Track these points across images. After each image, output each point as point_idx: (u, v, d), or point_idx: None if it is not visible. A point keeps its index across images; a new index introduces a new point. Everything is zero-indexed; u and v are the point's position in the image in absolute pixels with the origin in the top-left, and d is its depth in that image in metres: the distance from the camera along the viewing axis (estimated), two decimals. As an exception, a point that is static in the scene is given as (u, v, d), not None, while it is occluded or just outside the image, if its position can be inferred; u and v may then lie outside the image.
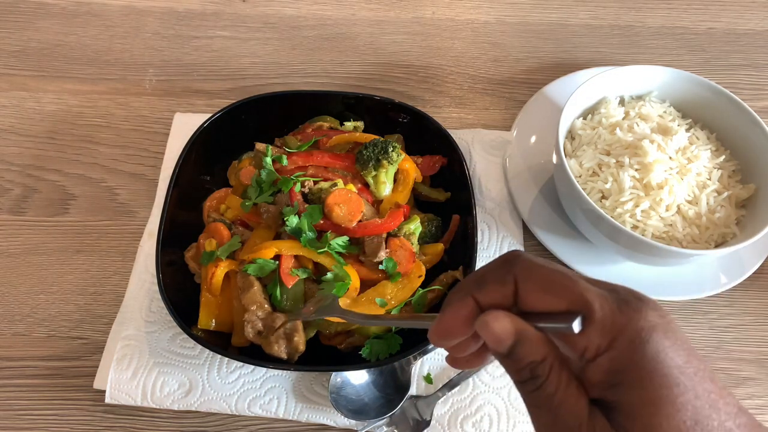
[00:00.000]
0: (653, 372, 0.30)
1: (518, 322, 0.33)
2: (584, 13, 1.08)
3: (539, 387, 0.33)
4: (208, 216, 0.77)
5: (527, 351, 0.33)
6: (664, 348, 0.30)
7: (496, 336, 0.33)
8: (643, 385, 0.30)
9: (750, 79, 1.01)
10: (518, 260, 0.34)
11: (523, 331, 0.33)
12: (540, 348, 0.33)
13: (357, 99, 0.83)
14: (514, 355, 0.33)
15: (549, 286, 0.33)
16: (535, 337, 0.33)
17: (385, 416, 0.68)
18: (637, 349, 0.30)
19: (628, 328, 0.31)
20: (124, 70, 0.98)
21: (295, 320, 0.66)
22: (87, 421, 0.70)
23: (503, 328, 0.32)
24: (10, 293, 0.78)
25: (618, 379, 0.31)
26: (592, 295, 0.32)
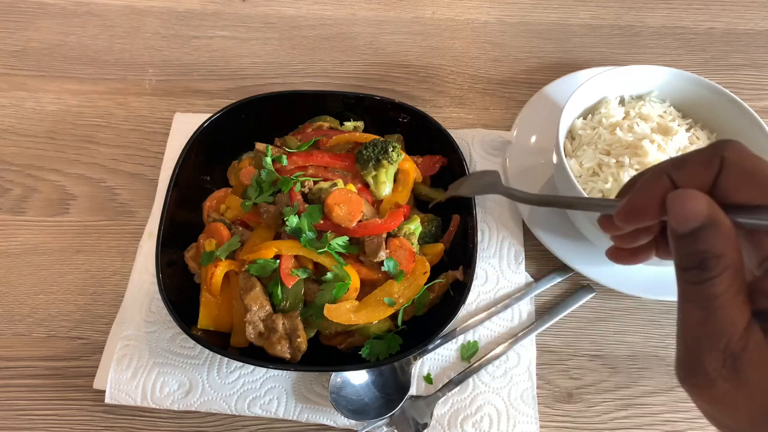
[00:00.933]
0: None
1: (714, 207, 0.30)
2: (584, 13, 1.08)
3: (703, 281, 0.30)
4: (207, 216, 0.77)
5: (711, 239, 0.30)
6: None
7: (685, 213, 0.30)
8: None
9: (750, 79, 1.01)
10: (729, 144, 0.32)
11: (716, 218, 0.30)
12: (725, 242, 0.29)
13: (357, 99, 0.83)
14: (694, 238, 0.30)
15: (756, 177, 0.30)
16: (727, 228, 0.30)
17: (385, 416, 0.68)
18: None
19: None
20: (124, 70, 0.98)
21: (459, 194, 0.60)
22: (87, 421, 0.70)
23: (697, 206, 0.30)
24: (10, 293, 0.78)
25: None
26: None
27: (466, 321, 0.75)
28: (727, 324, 0.29)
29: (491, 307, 0.76)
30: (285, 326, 0.67)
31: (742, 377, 0.28)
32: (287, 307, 0.68)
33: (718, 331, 0.29)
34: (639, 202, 0.33)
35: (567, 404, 0.72)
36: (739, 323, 0.29)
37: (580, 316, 0.78)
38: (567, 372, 0.74)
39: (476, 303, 0.77)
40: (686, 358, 0.31)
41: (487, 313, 0.75)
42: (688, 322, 0.31)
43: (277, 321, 0.67)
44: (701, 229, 0.30)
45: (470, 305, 0.76)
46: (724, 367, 0.29)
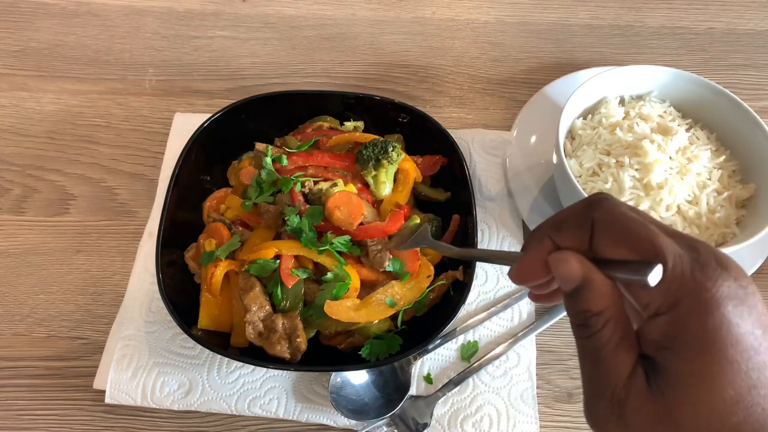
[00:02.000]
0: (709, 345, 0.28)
1: (588, 268, 0.32)
2: (584, 13, 1.08)
3: (589, 336, 0.32)
4: (207, 216, 0.77)
5: (587, 299, 0.32)
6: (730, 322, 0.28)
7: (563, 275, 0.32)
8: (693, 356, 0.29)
9: (750, 79, 1.01)
10: (600, 205, 0.33)
11: (590, 278, 0.32)
12: (601, 300, 0.32)
13: (357, 99, 0.83)
14: (576, 297, 0.32)
15: (625, 235, 0.32)
16: (600, 288, 0.32)
17: (385, 416, 0.68)
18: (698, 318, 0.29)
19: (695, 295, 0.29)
20: (124, 70, 0.98)
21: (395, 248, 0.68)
22: (87, 421, 0.70)
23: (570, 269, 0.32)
24: (10, 293, 0.78)
25: (671, 344, 0.30)
26: (668, 251, 0.30)
27: (466, 321, 0.75)
28: (611, 374, 0.31)
29: (491, 307, 0.76)
30: (285, 326, 0.67)
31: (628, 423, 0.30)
32: (287, 307, 0.68)
33: (603, 381, 0.31)
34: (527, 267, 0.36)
35: (567, 404, 0.72)
36: (622, 372, 0.31)
37: (580, 316, 0.78)
38: (567, 372, 0.74)
39: (476, 303, 0.77)
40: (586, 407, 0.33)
41: (487, 313, 0.75)
42: (583, 375, 0.33)
43: (277, 321, 0.67)
44: (580, 289, 0.32)
45: (470, 305, 0.76)
46: (613, 414, 0.31)
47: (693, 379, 0.29)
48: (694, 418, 0.29)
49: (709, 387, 0.28)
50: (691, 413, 0.29)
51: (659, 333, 0.31)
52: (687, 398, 0.29)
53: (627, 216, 0.32)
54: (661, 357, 0.30)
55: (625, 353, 0.31)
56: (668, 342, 0.30)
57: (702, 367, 0.29)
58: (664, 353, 0.30)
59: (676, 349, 0.30)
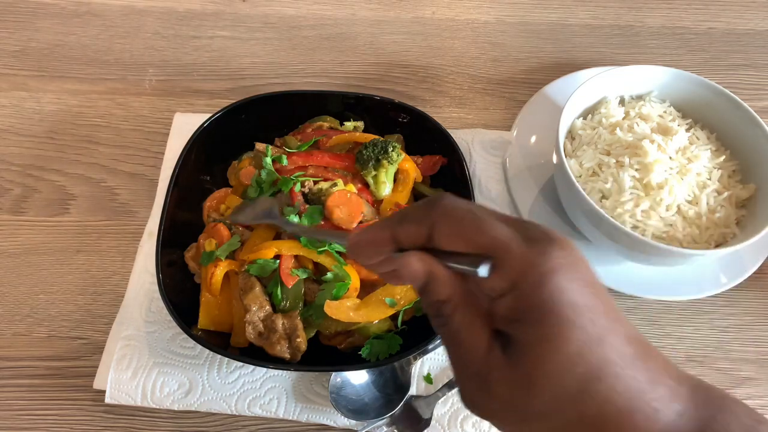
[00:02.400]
0: (548, 312, 0.32)
1: (429, 264, 0.35)
2: (584, 13, 1.08)
3: (445, 324, 0.35)
4: (207, 216, 0.77)
5: (434, 291, 0.35)
6: (562, 288, 0.32)
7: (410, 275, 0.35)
8: (537, 324, 0.32)
9: (750, 79, 1.01)
10: (439, 203, 0.36)
11: (432, 273, 0.35)
12: (445, 289, 0.35)
13: (357, 99, 0.83)
14: (425, 292, 0.36)
15: (461, 229, 0.34)
16: (442, 279, 0.35)
17: (385, 416, 0.68)
18: (536, 290, 0.32)
19: (531, 271, 0.32)
20: (124, 70, 0.98)
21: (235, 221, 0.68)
22: (87, 421, 0.70)
23: (414, 269, 0.35)
24: (10, 293, 0.78)
25: (517, 316, 0.33)
26: (501, 239, 0.33)
27: (466, 321, 0.75)
28: (471, 353, 0.34)
29: (491, 307, 0.76)
30: (284, 326, 0.67)
31: (493, 394, 0.34)
32: (287, 307, 0.68)
33: (467, 361, 0.35)
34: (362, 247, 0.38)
35: (567, 404, 0.72)
36: (480, 350, 0.34)
37: (580, 316, 0.78)
38: (567, 372, 0.74)
39: (476, 303, 0.77)
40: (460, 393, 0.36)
41: (487, 313, 0.75)
42: (450, 362, 0.36)
43: (277, 321, 0.67)
44: (427, 284, 0.35)
45: (470, 305, 0.76)
46: (481, 390, 0.34)
47: (539, 343, 0.32)
48: (544, 376, 0.32)
49: (553, 347, 0.32)
50: (542, 372, 0.32)
51: (506, 309, 0.34)
52: (536, 360, 0.32)
53: (461, 211, 0.35)
54: (512, 329, 0.34)
55: (480, 332, 0.35)
56: (515, 315, 0.33)
57: (545, 331, 0.32)
58: (513, 326, 0.33)
59: (522, 320, 0.33)
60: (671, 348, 0.76)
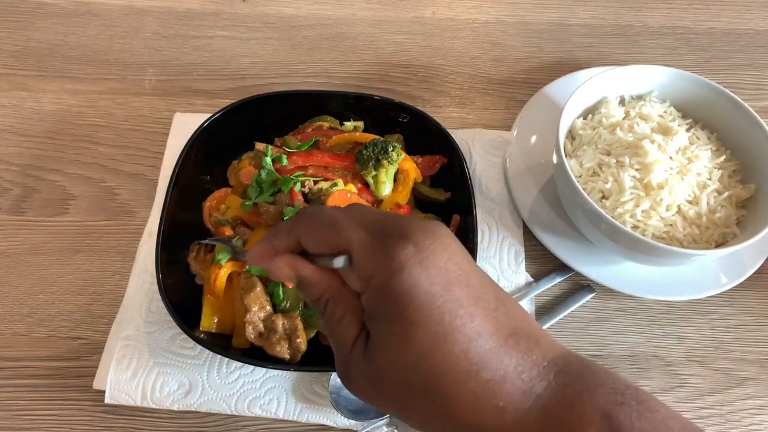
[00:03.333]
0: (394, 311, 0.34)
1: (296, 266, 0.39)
2: (584, 13, 1.08)
3: (322, 314, 0.39)
4: (210, 215, 0.77)
5: (306, 288, 0.39)
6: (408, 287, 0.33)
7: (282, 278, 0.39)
8: (386, 322, 0.35)
9: (750, 79, 1.01)
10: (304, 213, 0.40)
11: (300, 274, 0.38)
12: (317, 287, 0.38)
13: (357, 99, 0.83)
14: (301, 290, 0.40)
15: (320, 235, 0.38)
16: (311, 278, 0.38)
17: (385, 416, 0.68)
18: (384, 289, 0.34)
19: (379, 270, 0.34)
20: (124, 70, 0.98)
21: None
22: (87, 421, 0.70)
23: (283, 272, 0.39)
24: (10, 293, 0.78)
25: (373, 314, 0.36)
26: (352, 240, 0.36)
27: (466, 321, 0.75)
28: (341, 341, 0.38)
29: (491, 307, 0.76)
30: (285, 326, 0.67)
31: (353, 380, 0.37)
32: (287, 307, 0.68)
33: (338, 347, 0.38)
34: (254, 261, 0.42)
35: (567, 404, 0.72)
36: (348, 340, 0.37)
37: (580, 316, 0.78)
38: (567, 372, 0.74)
39: (476, 303, 0.77)
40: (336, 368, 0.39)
41: (487, 313, 0.75)
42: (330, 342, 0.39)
43: (277, 321, 0.67)
44: (299, 283, 0.39)
45: (470, 305, 0.76)
46: (345, 375, 0.38)
47: (387, 340, 0.34)
48: (389, 373, 0.35)
49: (398, 346, 0.34)
50: (387, 369, 0.35)
51: (366, 307, 0.36)
52: (384, 357, 0.35)
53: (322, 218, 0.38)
54: (370, 326, 0.36)
55: (350, 324, 0.37)
56: (372, 313, 0.36)
57: (393, 329, 0.34)
58: (371, 323, 0.36)
59: (375, 318, 0.36)
60: (671, 348, 0.76)
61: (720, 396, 0.73)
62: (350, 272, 0.37)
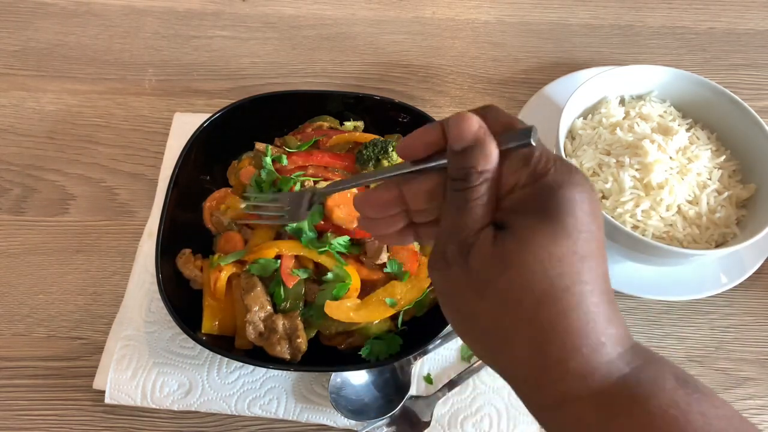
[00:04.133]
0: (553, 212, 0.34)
1: (483, 130, 0.37)
2: (584, 13, 1.08)
3: (463, 189, 0.37)
4: (210, 215, 0.77)
5: (475, 157, 0.36)
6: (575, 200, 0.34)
7: (460, 133, 0.36)
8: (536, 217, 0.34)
9: (750, 79, 1.01)
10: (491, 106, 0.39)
11: (483, 140, 0.36)
12: (487, 161, 0.36)
13: (357, 99, 0.83)
14: (464, 156, 0.37)
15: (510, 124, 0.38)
16: (490, 151, 0.36)
17: (385, 416, 0.68)
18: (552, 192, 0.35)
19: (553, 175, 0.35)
20: (124, 70, 0.98)
21: None
22: (87, 421, 0.70)
23: (470, 127, 0.36)
24: (10, 293, 0.78)
25: (521, 208, 0.36)
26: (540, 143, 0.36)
27: (466, 321, 0.75)
28: (469, 222, 0.36)
29: (491, 307, 0.76)
30: (285, 326, 0.67)
31: (469, 263, 0.36)
32: (288, 307, 0.68)
33: (462, 226, 0.37)
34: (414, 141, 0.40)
35: (567, 404, 0.72)
36: (478, 223, 0.36)
37: (580, 316, 0.78)
38: (567, 372, 0.74)
39: (476, 303, 0.77)
40: (437, 247, 0.38)
41: (487, 313, 0.75)
42: (446, 220, 0.38)
43: (277, 321, 0.67)
44: (470, 148, 0.36)
45: (470, 305, 0.76)
46: (459, 255, 0.36)
47: (529, 233, 0.34)
48: (519, 262, 0.34)
49: (540, 242, 0.34)
50: (519, 259, 0.34)
51: (514, 201, 0.36)
52: (519, 247, 0.34)
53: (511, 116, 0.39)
54: (509, 218, 0.36)
55: (486, 210, 0.37)
56: (519, 207, 0.36)
57: (539, 226, 0.34)
58: (512, 215, 0.36)
59: (524, 211, 0.35)
60: (671, 348, 0.76)
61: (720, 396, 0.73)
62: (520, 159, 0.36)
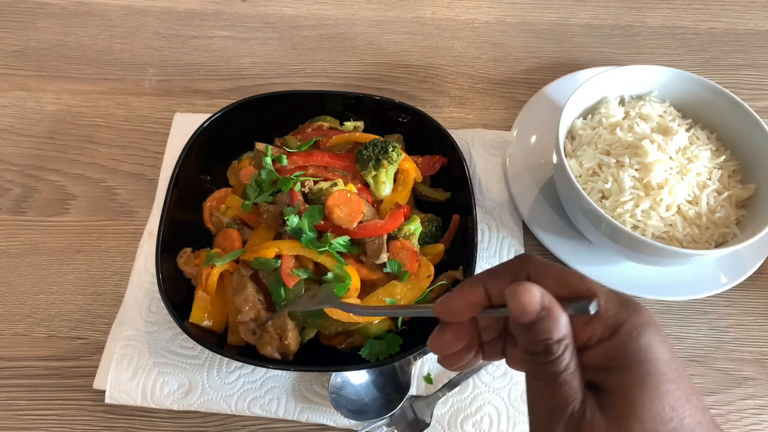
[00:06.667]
0: (644, 360, 0.34)
1: (549, 297, 0.35)
2: (584, 13, 1.08)
3: (549, 362, 0.35)
4: (211, 215, 0.77)
5: (550, 327, 0.34)
6: (655, 343, 0.34)
7: (522, 306, 0.34)
8: (634, 371, 0.34)
9: (750, 79, 1.01)
10: (531, 259, 0.38)
11: (553, 308, 0.34)
12: (563, 328, 0.35)
13: (357, 99, 0.83)
14: (536, 328, 0.34)
15: (562, 282, 0.36)
16: (561, 317, 0.35)
17: (385, 416, 0.68)
18: (633, 340, 0.34)
19: (628, 323, 0.35)
20: (124, 70, 0.98)
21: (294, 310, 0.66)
22: (87, 421, 0.70)
23: (532, 299, 0.34)
24: (10, 293, 0.78)
25: (612, 364, 0.35)
26: (600, 291, 0.36)
27: (466, 321, 0.75)
28: (570, 396, 0.35)
29: (491, 307, 0.76)
30: (274, 326, 0.67)
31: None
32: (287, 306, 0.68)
33: (563, 402, 0.35)
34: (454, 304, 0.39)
35: (567, 404, 0.72)
36: (578, 394, 0.35)
37: (580, 316, 0.78)
38: (567, 372, 0.74)
39: (476, 303, 0.77)
40: (539, 427, 0.36)
41: (487, 313, 0.75)
42: (538, 395, 0.36)
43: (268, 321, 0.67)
44: (542, 320, 0.34)
45: (470, 305, 0.76)
46: None
47: (637, 389, 0.33)
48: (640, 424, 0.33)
49: (650, 396, 0.33)
50: (638, 421, 0.33)
51: (600, 357, 0.35)
52: (633, 408, 0.33)
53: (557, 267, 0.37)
54: (603, 377, 0.35)
55: (576, 377, 0.35)
56: (610, 362, 0.35)
57: (640, 380, 0.34)
58: (605, 374, 0.35)
59: (617, 367, 0.34)
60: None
61: (720, 396, 0.73)
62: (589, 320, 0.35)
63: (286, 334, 0.66)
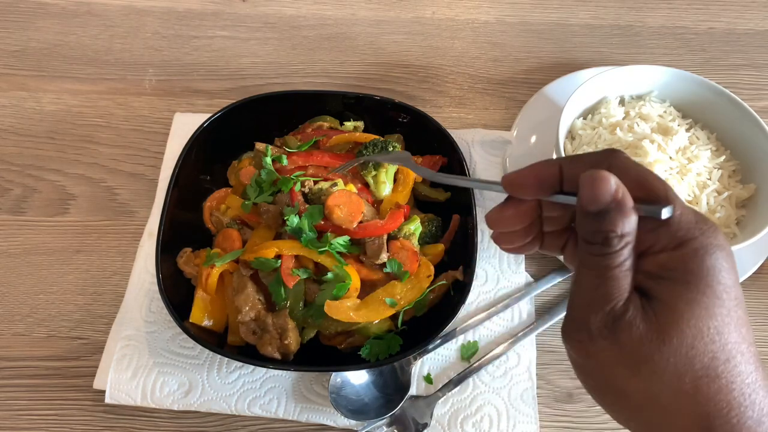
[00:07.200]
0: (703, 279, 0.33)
1: (623, 189, 0.33)
2: (584, 13, 1.08)
3: (604, 255, 0.34)
4: (211, 215, 0.77)
5: (617, 220, 0.33)
6: (720, 267, 0.33)
7: (594, 193, 0.33)
8: (690, 287, 0.33)
9: (750, 79, 1.01)
10: (619, 153, 0.36)
11: (624, 201, 0.33)
12: (629, 224, 0.34)
13: (357, 99, 0.83)
14: (602, 218, 0.34)
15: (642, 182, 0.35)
16: (630, 212, 0.34)
17: (385, 416, 0.68)
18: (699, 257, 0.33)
19: (698, 240, 0.34)
20: (124, 70, 0.98)
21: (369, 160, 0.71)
22: (87, 421, 0.70)
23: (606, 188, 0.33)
24: (10, 293, 0.78)
25: (669, 275, 0.34)
26: (678, 201, 0.34)
27: (466, 321, 0.75)
28: (616, 291, 0.34)
29: (491, 307, 0.76)
30: (275, 326, 0.67)
31: (618, 336, 0.34)
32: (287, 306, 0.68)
33: (607, 296, 0.34)
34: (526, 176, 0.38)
35: (567, 404, 0.72)
36: (625, 292, 0.34)
37: (580, 316, 0.78)
38: (567, 372, 0.74)
39: (476, 303, 0.77)
40: (576, 316, 0.36)
41: (487, 313, 0.75)
42: (584, 285, 0.36)
43: (267, 321, 0.67)
44: (608, 211, 0.33)
45: (470, 305, 0.76)
46: (606, 327, 0.34)
47: (684, 305, 0.33)
48: (679, 338, 0.32)
49: (698, 314, 0.33)
50: (678, 334, 0.33)
51: (658, 266, 0.34)
52: (677, 320, 0.33)
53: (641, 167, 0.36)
54: (656, 285, 0.34)
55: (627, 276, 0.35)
56: (664, 273, 0.34)
57: (693, 296, 0.33)
58: (659, 282, 0.34)
59: (672, 279, 0.34)
60: (671, 348, 0.76)
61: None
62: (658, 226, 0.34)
63: (286, 334, 0.66)
